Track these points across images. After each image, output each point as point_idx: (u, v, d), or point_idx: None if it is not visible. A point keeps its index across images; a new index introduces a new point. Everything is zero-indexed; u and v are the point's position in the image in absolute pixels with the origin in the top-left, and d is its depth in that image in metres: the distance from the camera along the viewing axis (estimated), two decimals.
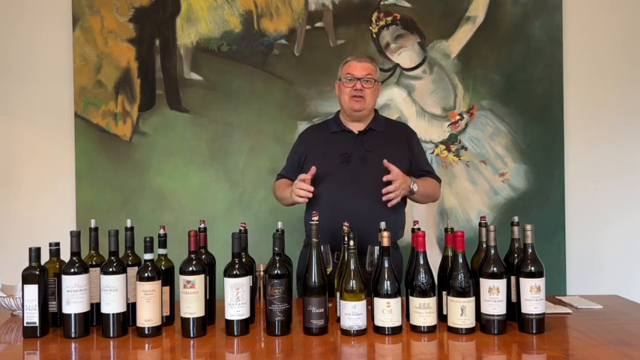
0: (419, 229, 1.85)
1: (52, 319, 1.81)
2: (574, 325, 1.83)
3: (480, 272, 1.74)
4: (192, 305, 1.70)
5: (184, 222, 3.01)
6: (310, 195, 2.20)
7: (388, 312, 1.69)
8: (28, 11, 3.28)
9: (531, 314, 1.70)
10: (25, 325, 1.73)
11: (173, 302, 1.86)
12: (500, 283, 1.70)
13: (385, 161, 2.19)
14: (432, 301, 1.72)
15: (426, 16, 3.24)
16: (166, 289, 1.80)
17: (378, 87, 2.42)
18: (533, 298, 1.70)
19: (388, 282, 1.70)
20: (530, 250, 1.74)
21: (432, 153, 3.22)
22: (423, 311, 1.71)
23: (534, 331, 1.70)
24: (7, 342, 1.74)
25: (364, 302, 1.70)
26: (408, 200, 2.38)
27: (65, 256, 1.82)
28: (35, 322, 1.73)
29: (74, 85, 3.24)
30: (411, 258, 1.84)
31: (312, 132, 2.54)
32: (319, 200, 2.28)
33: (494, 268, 1.71)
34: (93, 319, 1.80)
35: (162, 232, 1.82)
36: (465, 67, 3.23)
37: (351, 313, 1.68)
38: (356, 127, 2.41)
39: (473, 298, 1.71)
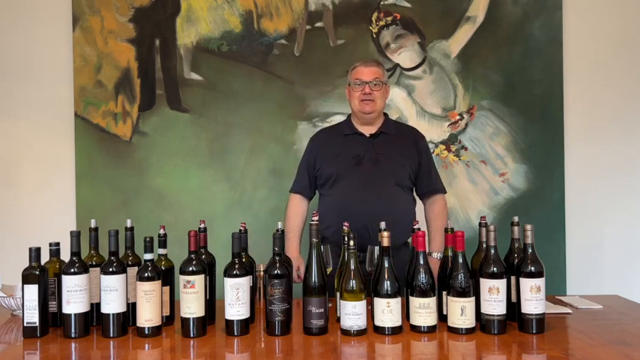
0: (419, 229, 1.85)
1: (52, 319, 1.81)
2: (574, 325, 1.83)
3: (480, 272, 1.74)
4: (192, 305, 1.70)
5: (184, 222, 3.01)
6: None
7: (388, 312, 1.69)
8: (28, 11, 3.28)
9: (531, 314, 1.70)
10: (25, 325, 1.73)
11: (173, 302, 1.86)
12: (500, 283, 1.70)
13: None
14: (432, 301, 1.72)
15: (426, 16, 3.23)
16: (166, 289, 1.80)
17: (387, 89, 2.48)
18: (533, 298, 1.70)
19: (388, 282, 1.70)
20: (530, 250, 1.74)
21: (432, 153, 3.21)
22: (423, 311, 1.71)
23: (534, 331, 1.70)
24: (7, 342, 1.74)
25: (364, 302, 1.70)
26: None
27: (65, 256, 1.82)
28: (35, 322, 1.73)
29: (74, 85, 3.23)
30: (411, 258, 1.84)
31: (324, 135, 2.58)
32: (333, 202, 2.33)
33: (494, 268, 1.71)
34: (93, 319, 1.80)
35: (162, 232, 1.82)
36: (465, 67, 3.23)
37: (351, 313, 1.68)
38: (367, 130, 2.45)
39: (473, 298, 1.71)
